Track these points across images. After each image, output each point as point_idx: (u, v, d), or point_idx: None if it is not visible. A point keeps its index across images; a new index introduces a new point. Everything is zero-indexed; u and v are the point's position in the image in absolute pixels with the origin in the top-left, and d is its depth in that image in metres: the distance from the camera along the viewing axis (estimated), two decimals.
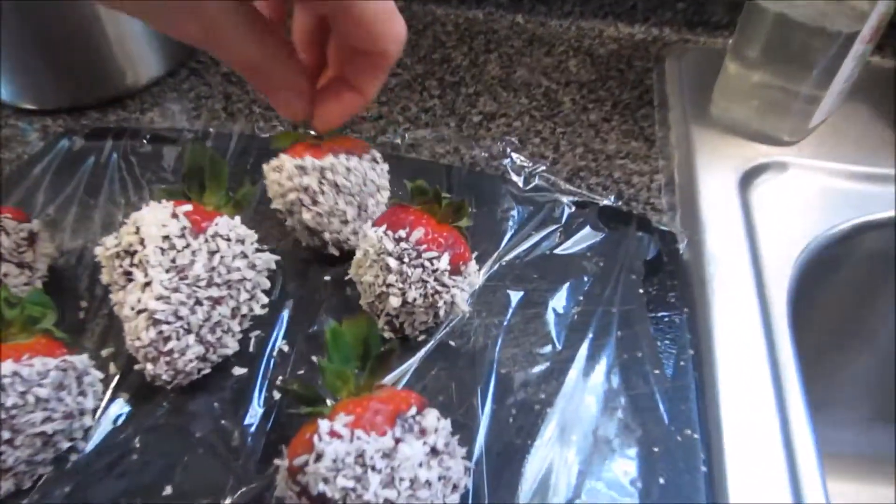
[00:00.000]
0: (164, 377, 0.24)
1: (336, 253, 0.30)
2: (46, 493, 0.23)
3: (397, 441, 0.19)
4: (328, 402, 0.21)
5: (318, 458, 0.18)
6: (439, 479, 0.19)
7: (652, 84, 0.43)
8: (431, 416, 0.20)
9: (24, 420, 0.22)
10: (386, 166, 0.30)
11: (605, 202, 0.33)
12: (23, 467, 0.22)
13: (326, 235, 0.29)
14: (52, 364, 0.23)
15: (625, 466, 0.24)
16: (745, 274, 0.31)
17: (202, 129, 0.38)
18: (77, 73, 0.41)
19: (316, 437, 0.19)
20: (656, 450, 0.24)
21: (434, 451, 0.19)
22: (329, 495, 0.18)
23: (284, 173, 0.28)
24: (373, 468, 0.18)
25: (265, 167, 0.29)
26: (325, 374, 0.20)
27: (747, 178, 0.35)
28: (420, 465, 0.19)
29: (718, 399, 0.26)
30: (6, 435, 0.21)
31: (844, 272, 0.36)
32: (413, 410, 0.20)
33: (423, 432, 0.19)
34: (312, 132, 0.30)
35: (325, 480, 0.18)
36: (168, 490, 0.23)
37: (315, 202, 0.28)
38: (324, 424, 0.19)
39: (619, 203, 0.33)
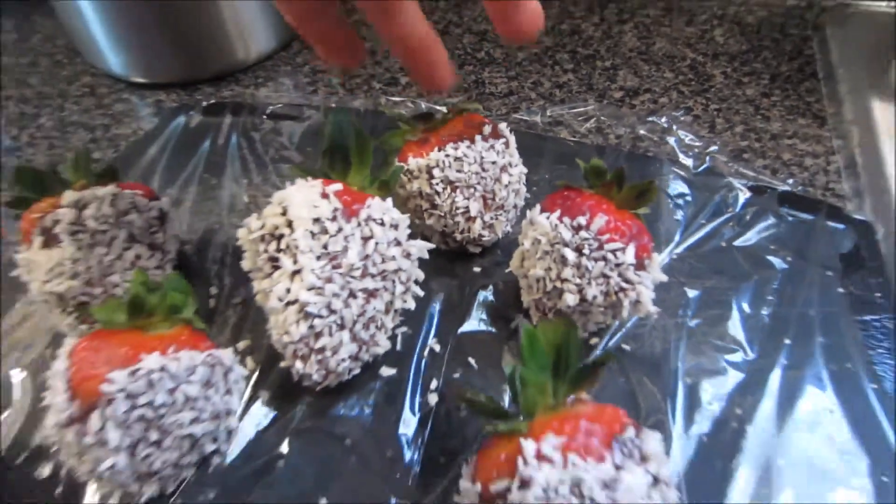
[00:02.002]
0: (315, 377, 0.21)
1: (477, 251, 0.27)
2: (190, 498, 0.21)
3: (618, 468, 0.16)
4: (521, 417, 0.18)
5: (524, 484, 0.16)
6: None
7: (813, 54, 0.38)
8: (653, 441, 0.17)
9: (172, 420, 0.20)
10: (511, 138, 0.27)
11: (785, 187, 0.29)
12: (169, 471, 0.20)
13: (458, 236, 0.26)
14: (199, 359, 0.20)
15: (852, 501, 0.20)
16: None
17: (322, 105, 0.35)
18: (190, 47, 0.39)
19: (520, 461, 0.16)
20: (887, 479, 0.20)
21: (656, 481, 0.16)
22: None
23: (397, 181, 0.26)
24: (591, 500, 0.15)
25: None
26: (524, 385, 0.17)
27: None
28: (642, 497, 0.16)
29: None
30: (154, 436, 0.19)
31: None
32: (631, 432, 0.16)
33: (644, 458, 0.16)
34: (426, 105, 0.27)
35: None
36: (323, 502, 0.21)
37: (433, 205, 0.26)
38: (529, 446, 0.16)
39: (801, 188, 0.29)
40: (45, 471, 0.21)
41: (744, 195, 0.28)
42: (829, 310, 0.24)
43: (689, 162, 0.29)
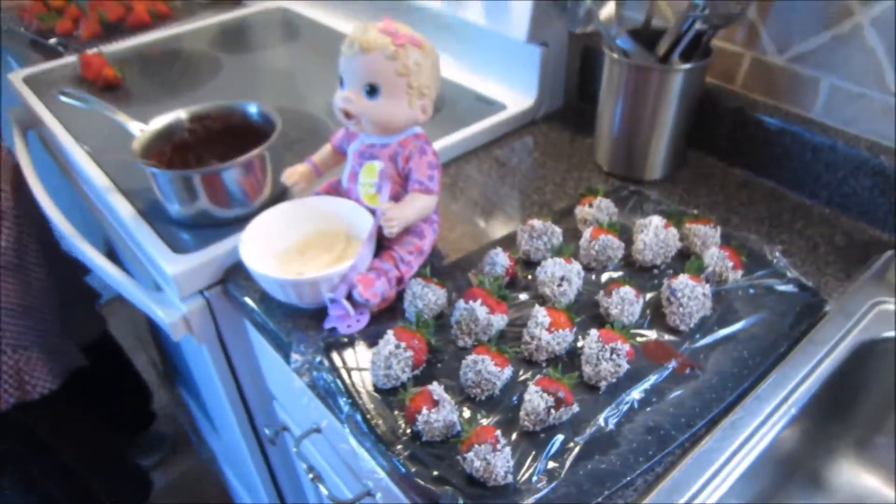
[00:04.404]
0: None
1: None
2: None
3: None
4: None
5: None
6: None
7: (873, 258, 0.90)
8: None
9: None
10: (718, 232, 0.87)
11: (810, 284, 0.84)
12: None
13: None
14: None
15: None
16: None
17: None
18: (634, 165, 1.06)
19: None
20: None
21: None
22: None
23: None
24: None
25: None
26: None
27: (873, 306, 0.81)
28: None
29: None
30: None
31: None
32: None
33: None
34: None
35: None
36: None
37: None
38: None
39: (814, 286, 0.84)
40: None
41: (792, 278, 0.84)
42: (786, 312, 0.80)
43: (775, 259, 0.86)
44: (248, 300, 0.89)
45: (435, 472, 0.63)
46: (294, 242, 0.90)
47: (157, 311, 0.97)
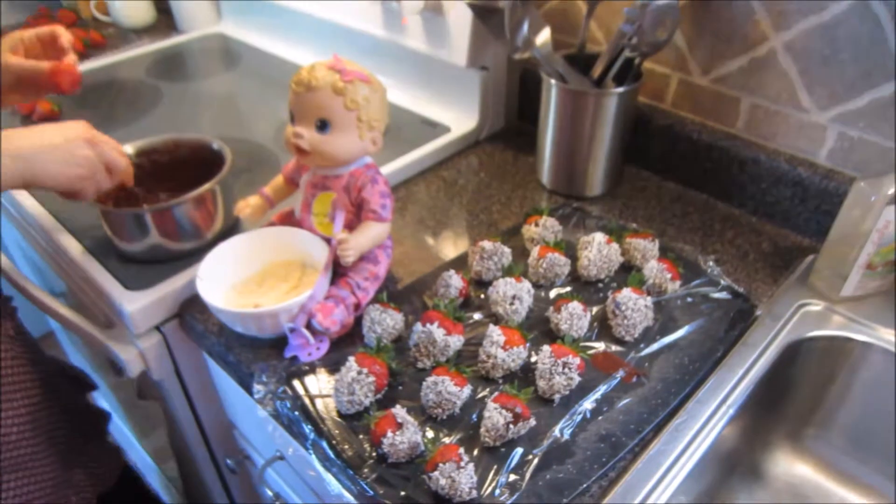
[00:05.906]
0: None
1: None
2: None
3: None
4: None
5: None
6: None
7: (796, 262, 0.98)
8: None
9: None
10: (656, 243, 0.93)
11: (741, 290, 0.90)
12: None
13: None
14: None
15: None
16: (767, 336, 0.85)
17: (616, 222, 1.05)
18: (575, 181, 1.11)
19: None
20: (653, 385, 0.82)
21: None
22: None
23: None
24: None
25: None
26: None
27: (798, 308, 0.89)
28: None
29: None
30: None
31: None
32: None
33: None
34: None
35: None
36: None
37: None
38: None
39: (745, 292, 0.91)
40: None
41: (725, 284, 0.91)
42: (720, 319, 0.86)
43: (709, 269, 0.92)
44: (206, 333, 0.89)
45: (402, 493, 0.66)
46: (251, 273, 0.92)
47: (113, 348, 0.96)
